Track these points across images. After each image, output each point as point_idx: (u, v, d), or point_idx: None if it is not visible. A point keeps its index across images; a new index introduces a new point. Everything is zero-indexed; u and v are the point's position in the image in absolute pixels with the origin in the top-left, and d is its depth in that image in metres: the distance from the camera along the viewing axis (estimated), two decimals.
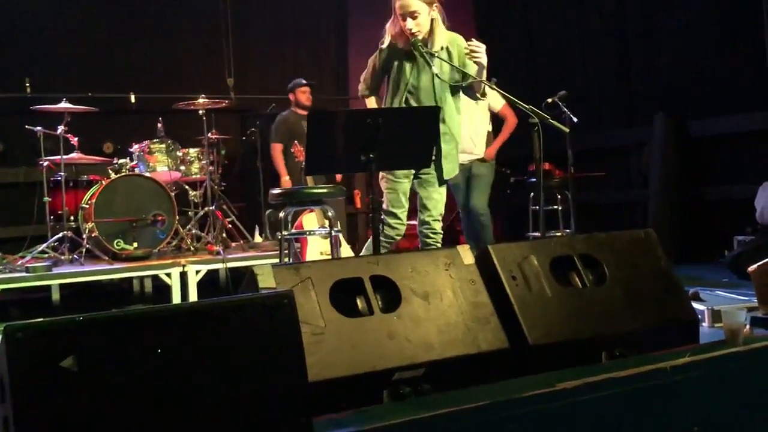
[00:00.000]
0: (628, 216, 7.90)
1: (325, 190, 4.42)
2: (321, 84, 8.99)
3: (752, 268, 3.39)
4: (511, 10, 9.06)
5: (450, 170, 4.22)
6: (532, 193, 6.94)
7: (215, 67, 8.41)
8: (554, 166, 6.90)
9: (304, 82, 7.44)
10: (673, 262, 6.66)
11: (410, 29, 4.00)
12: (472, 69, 4.05)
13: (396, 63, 4.13)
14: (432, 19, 4.08)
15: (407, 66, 4.11)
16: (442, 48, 4.04)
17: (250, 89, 8.48)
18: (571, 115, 5.92)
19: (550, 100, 5.85)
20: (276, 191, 4.37)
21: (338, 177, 7.01)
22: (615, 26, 8.06)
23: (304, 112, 7.11)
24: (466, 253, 3.01)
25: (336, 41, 9.40)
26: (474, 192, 6.25)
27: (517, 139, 6.27)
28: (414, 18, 4.01)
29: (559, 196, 6.96)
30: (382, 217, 3.94)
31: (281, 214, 4.41)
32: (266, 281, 2.60)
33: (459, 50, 4.12)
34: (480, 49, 3.88)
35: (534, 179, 6.46)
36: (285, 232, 4.35)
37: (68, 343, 1.84)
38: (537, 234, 6.41)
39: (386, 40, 4.14)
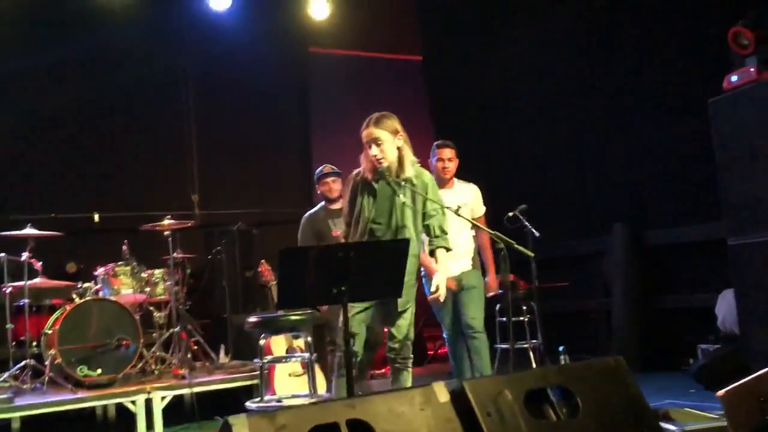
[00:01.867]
0: (593, 324, 8.00)
1: (301, 317, 4.36)
2: (286, 197, 9.11)
3: (721, 392, 3.42)
4: (470, 121, 9.25)
5: (403, 303, 4.21)
6: (498, 305, 6.99)
7: (180, 183, 8.49)
8: (518, 277, 6.99)
9: (326, 171, 6.26)
10: (638, 371, 6.79)
11: (375, 155, 4.14)
12: (435, 204, 4.21)
13: (364, 194, 4.23)
14: (398, 148, 4.21)
15: (370, 198, 4.22)
16: (407, 181, 4.14)
17: (215, 205, 8.54)
18: (533, 229, 6.07)
19: (511, 213, 6.00)
20: (252, 319, 4.34)
21: None
22: (573, 141, 8.33)
23: (332, 206, 6.14)
24: (441, 391, 3.02)
25: (300, 155, 9.54)
26: (468, 307, 5.53)
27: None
28: (378, 145, 4.15)
29: (524, 307, 7.02)
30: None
31: (261, 342, 4.37)
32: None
33: (423, 185, 4.24)
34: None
35: (501, 290, 6.51)
36: (263, 360, 4.30)
37: None
38: (506, 346, 6.41)
39: (360, 172, 4.27)
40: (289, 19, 9.06)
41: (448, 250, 4.32)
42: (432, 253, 4.38)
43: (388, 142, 4.19)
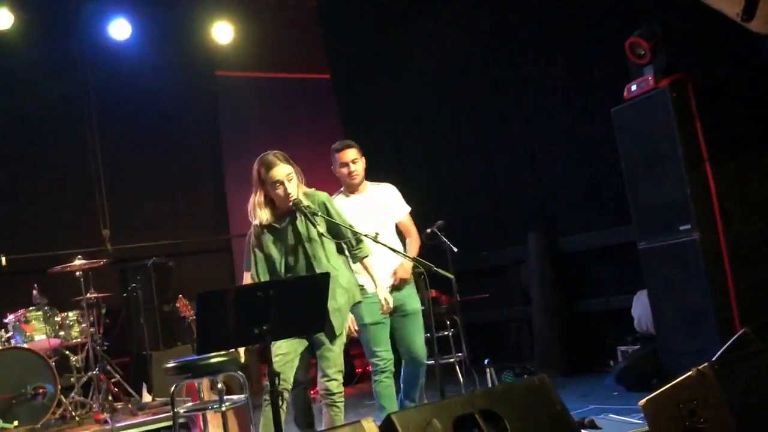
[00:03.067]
0: (515, 333, 8.13)
1: (224, 359, 4.14)
2: (201, 226, 8.96)
3: (642, 402, 3.52)
4: (381, 136, 9.23)
5: (339, 325, 4.15)
6: None
7: (89, 219, 8.26)
8: (440, 292, 7.04)
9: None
10: (561, 376, 6.93)
11: (290, 193, 4.04)
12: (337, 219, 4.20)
13: (267, 238, 4.13)
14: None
15: (273, 238, 4.12)
16: (307, 208, 4.07)
17: (128, 239, 8.32)
18: (451, 245, 6.10)
19: (429, 230, 6.00)
20: (170, 365, 4.18)
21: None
22: (483, 153, 8.45)
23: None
24: (371, 427, 3.01)
25: (213, 181, 9.39)
26: (414, 336, 4.91)
27: None
28: (290, 181, 4.06)
29: (447, 322, 7.07)
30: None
31: (172, 389, 4.24)
32: None
33: (322, 206, 4.18)
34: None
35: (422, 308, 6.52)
36: (180, 409, 4.16)
37: None
38: (431, 362, 6.42)
39: (257, 219, 4.12)
40: (194, 44, 8.95)
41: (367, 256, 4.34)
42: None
43: (296, 175, 4.13)
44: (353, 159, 4.99)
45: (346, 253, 4.35)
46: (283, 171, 4.03)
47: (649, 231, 5.72)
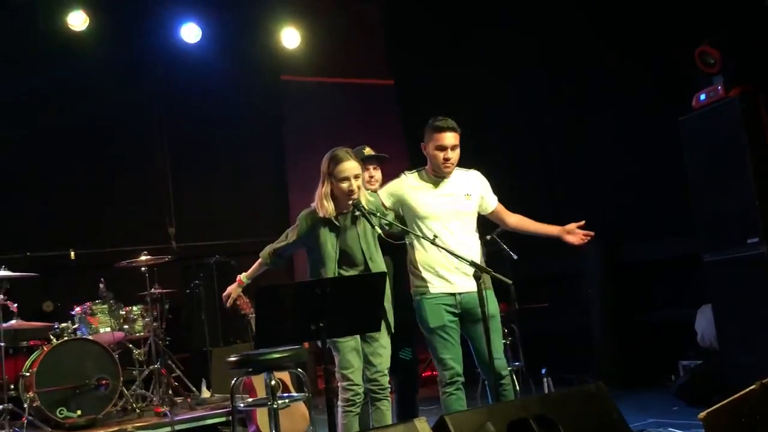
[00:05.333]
0: (573, 343, 8.01)
1: (284, 355, 4.10)
2: (263, 226, 9.07)
3: (702, 415, 3.44)
4: None
5: (392, 322, 4.21)
6: None
7: (156, 216, 8.45)
8: (498, 300, 7.00)
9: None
10: (619, 389, 6.81)
11: (353, 189, 4.09)
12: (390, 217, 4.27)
13: (325, 231, 4.17)
14: None
15: (330, 232, 4.17)
16: (366, 208, 4.12)
17: (192, 237, 8.50)
18: (510, 252, 6.09)
19: (488, 237, 5.99)
20: (232, 358, 4.23)
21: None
22: (545, 161, 8.39)
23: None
24: (423, 427, 3.02)
25: (275, 183, 9.53)
26: (493, 345, 4.07)
27: None
28: (357, 178, 4.13)
29: (505, 330, 7.02)
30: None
31: (231, 383, 4.31)
32: None
33: (375, 205, 4.27)
34: None
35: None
36: (240, 404, 4.21)
37: None
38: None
39: (322, 210, 4.16)
40: (261, 49, 9.10)
41: None
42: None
43: (360, 175, 4.20)
44: (453, 145, 4.46)
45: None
46: (351, 167, 4.11)
47: (715, 243, 5.60)
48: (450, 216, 4.40)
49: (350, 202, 4.10)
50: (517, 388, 5.68)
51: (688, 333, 6.51)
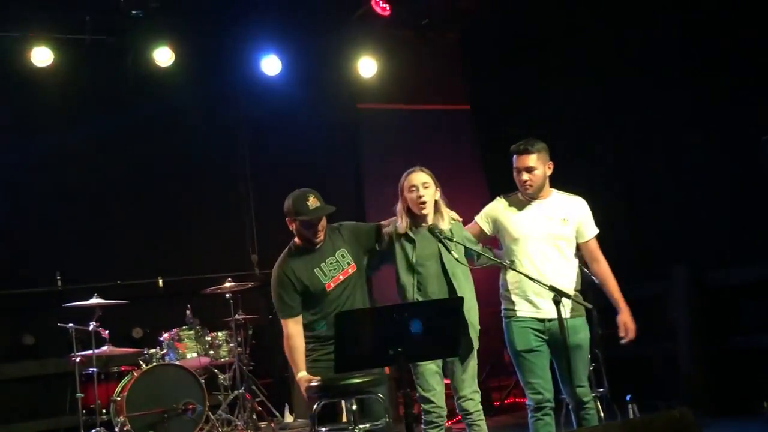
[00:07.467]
0: (660, 369, 7.80)
1: (366, 379, 4.02)
2: None
3: None
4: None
5: (475, 341, 4.23)
6: None
7: (239, 245, 8.64)
8: None
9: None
10: (709, 416, 6.60)
11: (421, 195, 4.24)
12: (471, 244, 4.34)
13: (401, 245, 4.30)
14: (436, 201, 4.32)
15: (406, 245, 4.28)
16: (441, 232, 4.22)
17: (274, 264, 8.63)
18: (592, 276, 6.01)
19: None
20: (313, 384, 4.26)
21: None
22: (626, 182, 8.24)
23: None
24: None
25: (354, 210, 9.63)
26: (577, 372, 4.17)
27: None
28: (426, 188, 4.27)
29: (588, 356, 6.90)
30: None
31: (314, 407, 4.35)
32: None
33: (458, 229, 4.35)
34: None
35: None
36: (322, 429, 4.23)
37: None
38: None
39: (399, 224, 4.32)
40: (338, 79, 9.26)
41: None
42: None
43: (434, 188, 4.31)
44: (527, 167, 4.37)
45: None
46: (419, 178, 4.30)
47: None
48: (544, 239, 4.38)
49: (424, 224, 4.23)
50: (601, 414, 5.60)
51: None
